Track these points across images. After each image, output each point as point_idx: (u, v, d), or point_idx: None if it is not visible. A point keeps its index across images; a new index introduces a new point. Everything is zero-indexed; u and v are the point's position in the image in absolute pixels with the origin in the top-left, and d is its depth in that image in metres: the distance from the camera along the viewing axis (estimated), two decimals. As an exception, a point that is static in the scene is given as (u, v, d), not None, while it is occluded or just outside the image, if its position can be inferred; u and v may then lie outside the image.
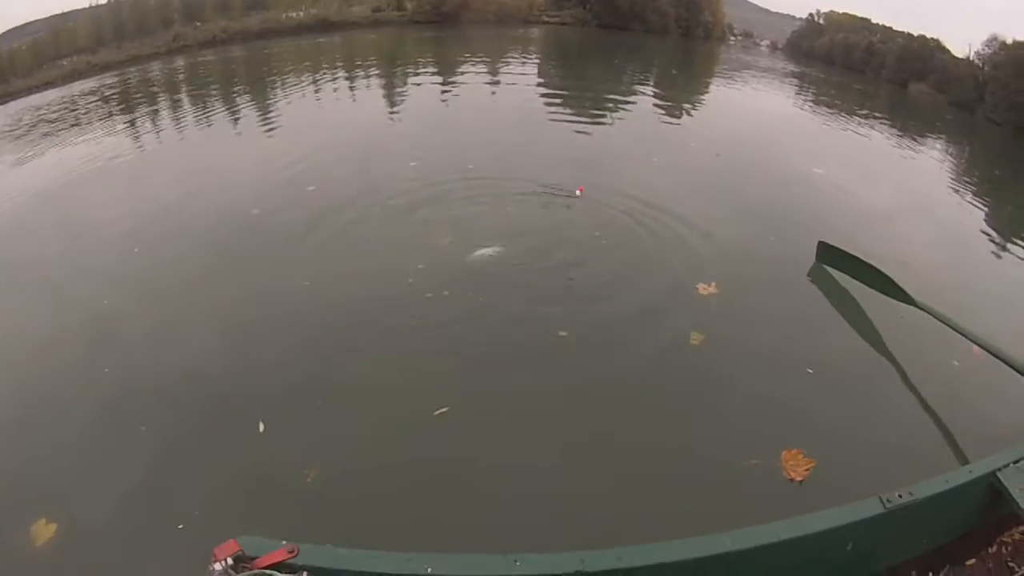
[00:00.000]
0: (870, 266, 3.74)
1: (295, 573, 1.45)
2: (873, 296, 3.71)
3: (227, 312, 3.50)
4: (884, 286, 3.67)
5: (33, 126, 9.31)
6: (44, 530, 2.33)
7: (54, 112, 10.17)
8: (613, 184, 5.15)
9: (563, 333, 3.26)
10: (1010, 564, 2.02)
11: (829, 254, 4.06)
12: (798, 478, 2.58)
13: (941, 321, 3.31)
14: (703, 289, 3.63)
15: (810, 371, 3.05)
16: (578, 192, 4.73)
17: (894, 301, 3.59)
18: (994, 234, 6.95)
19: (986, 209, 7.47)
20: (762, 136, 7.39)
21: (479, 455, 2.51)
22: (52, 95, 11.92)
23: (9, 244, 4.70)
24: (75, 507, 2.40)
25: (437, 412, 2.77)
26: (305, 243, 4.19)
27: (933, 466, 2.35)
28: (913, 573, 2.20)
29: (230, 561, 1.45)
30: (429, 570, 1.49)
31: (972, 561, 2.29)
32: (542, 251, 4.03)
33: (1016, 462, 2.15)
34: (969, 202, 7.39)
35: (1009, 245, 6.02)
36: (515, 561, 1.53)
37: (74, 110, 10.20)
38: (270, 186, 5.33)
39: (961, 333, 3.21)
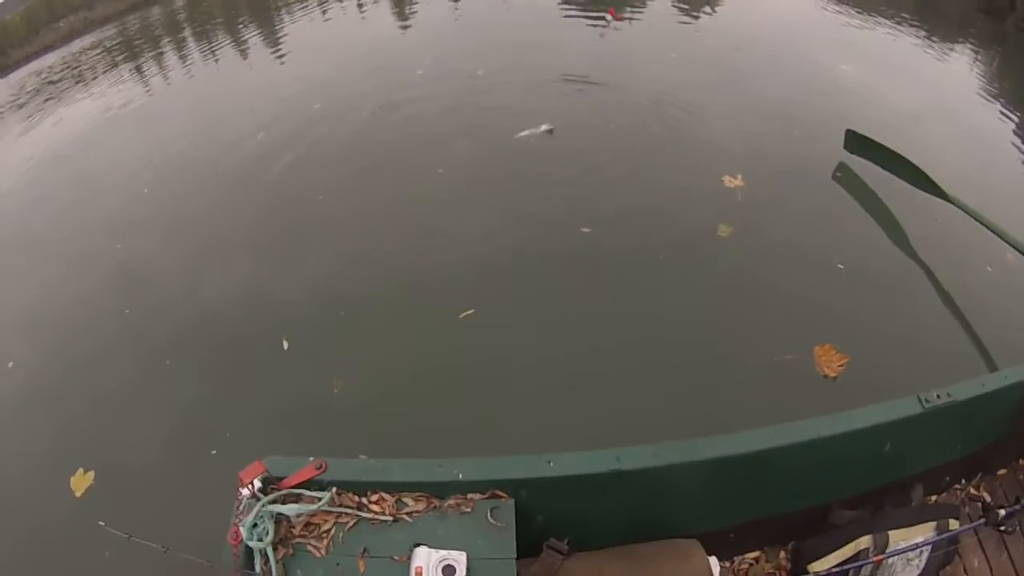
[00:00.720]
0: (899, 156, 3.51)
1: (324, 489, 1.42)
2: (902, 195, 3.52)
3: (239, 239, 3.46)
4: (915, 178, 3.43)
5: (37, 91, 8.79)
6: (83, 480, 2.39)
7: (57, 74, 9.57)
8: (632, 77, 4.86)
9: (586, 229, 3.10)
10: None
11: (857, 142, 3.83)
12: (832, 374, 2.49)
13: (974, 218, 3.13)
14: (729, 181, 3.46)
15: (840, 266, 2.90)
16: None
17: (923, 202, 3.39)
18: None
19: (1018, 117, 7.16)
20: (785, 32, 6.85)
21: (506, 356, 2.48)
22: (52, 58, 11.15)
23: (31, 212, 4.56)
24: (110, 450, 2.43)
25: (463, 315, 2.67)
26: (310, 159, 4.10)
27: (965, 369, 2.30)
28: (947, 478, 2.16)
29: (258, 485, 1.42)
30: (460, 475, 1.46)
31: (1003, 471, 2.30)
32: (562, 146, 3.90)
33: None
34: (1000, 110, 7.04)
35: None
36: (548, 462, 1.48)
37: (77, 67, 9.63)
38: (278, 110, 5.08)
39: (994, 232, 3.04)
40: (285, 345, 2.75)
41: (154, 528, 2.05)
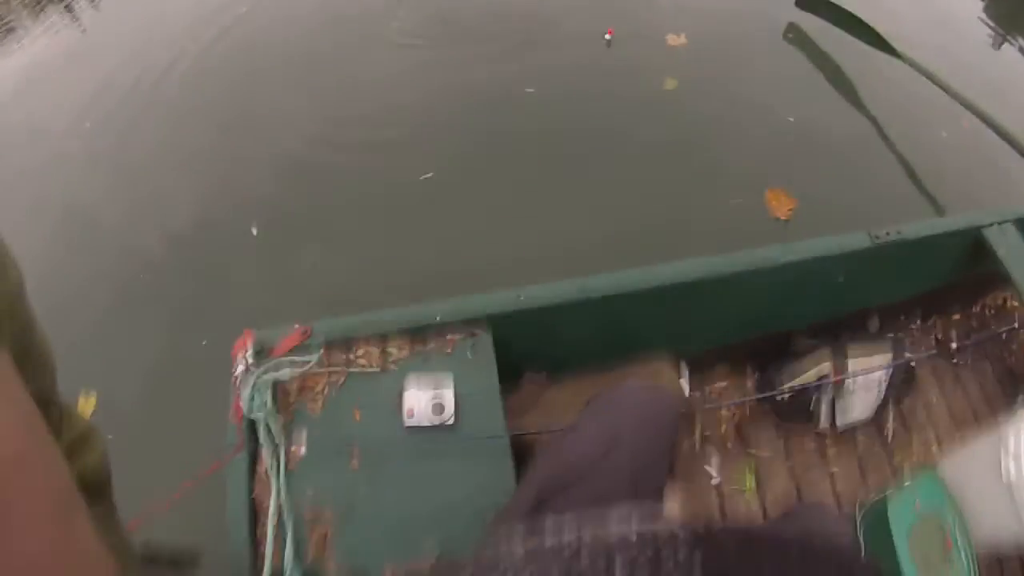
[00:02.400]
0: (851, 14, 3.52)
1: (316, 350, 1.48)
2: (855, 54, 3.57)
3: (191, 148, 3.38)
4: (868, 36, 3.46)
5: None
6: (87, 404, 2.40)
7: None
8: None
9: (530, 89, 3.11)
10: (993, 325, 2.15)
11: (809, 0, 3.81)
12: (783, 216, 2.58)
13: (928, 77, 3.18)
14: (672, 40, 3.42)
15: (791, 119, 2.95)
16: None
17: (877, 62, 3.43)
18: (993, 24, 6.64)
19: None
20: None
21: (469, 208, 2.51)
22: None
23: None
24: (105, 371, 2.43)
25: (422, 177, 2.72)
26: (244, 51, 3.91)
27: (916, 216, 2.36)
28: (902, 317, 2.31)
29: (251, 359, 1.46)
30: (438, 317, 1.53)
31: (957, 316, 2.44)
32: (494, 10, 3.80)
33: (1000, 223, 2.18)
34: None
35: (1009, 36, 5.66)
36: (519, 295, 1.57)
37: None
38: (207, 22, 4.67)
39: (948, 92, 3.11)
40: (254, 231, 2.77)
41: (162, 436, 2.14)
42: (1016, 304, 2.29)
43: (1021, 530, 1.72)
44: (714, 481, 1.84)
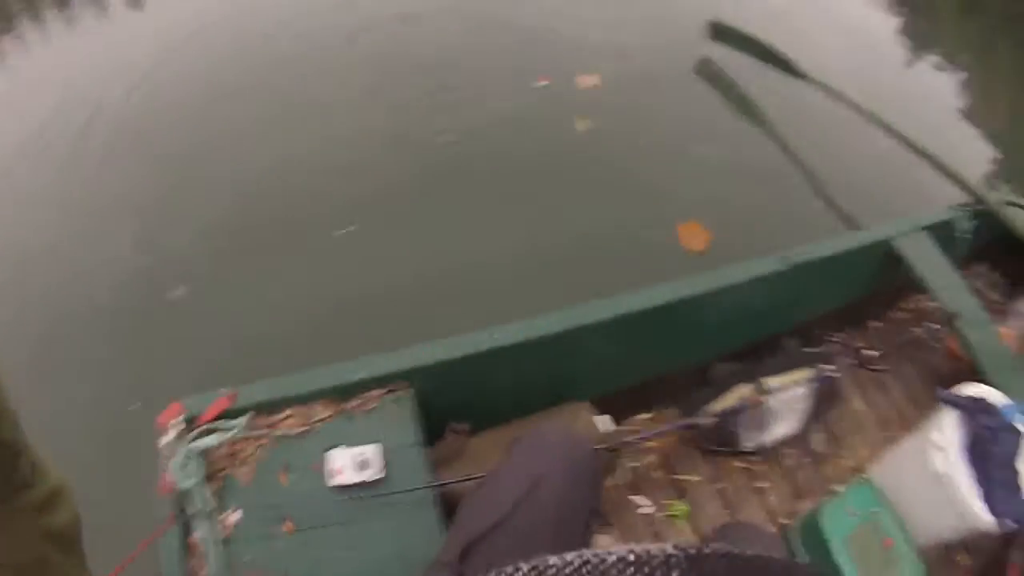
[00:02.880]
0: (762, 43, 3.68)
1: (242, 415, 1.49)
2: (766, 82, 3.71)
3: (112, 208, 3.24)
4: (779, 63, 3.62)
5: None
6: None
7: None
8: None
9: (447, 138, 3.15)
10: (911, 328, 2.15)
11: (720, 32, 3.92)
12: (698, 248, 2.66)
13: (840, 100, 3.31)
14: (584, 80, 3.49)
15: (702, 151, 3.06)
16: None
17: (788, 87, 3.59)
18: (907, 40, 6.95)
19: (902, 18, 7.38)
20: None
21: (386, 265, 2.49)
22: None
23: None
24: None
25: (343, 232, 2.71)
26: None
27: (834, 235, 2.45)
28: (822, 332, 2.42)
29: (177, 425, 1.47)
30: (360, 375, 1.56)
31: (878, 325, 2.58)
32: (401, 58, 3.82)
33: (911, 232, 2.29)
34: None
35: (923, 54, 6.29)
36: (437, 348, 1.62)
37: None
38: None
39: (860, 112, 3.24)
40: (178, 293, 2.74)
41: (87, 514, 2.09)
42: (932, 306, 2.38)
43: (958, 518, 1.79)
44: (645, 511, 1.88)
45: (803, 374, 1.96)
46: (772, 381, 1.94)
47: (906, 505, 1.88)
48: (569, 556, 0.28)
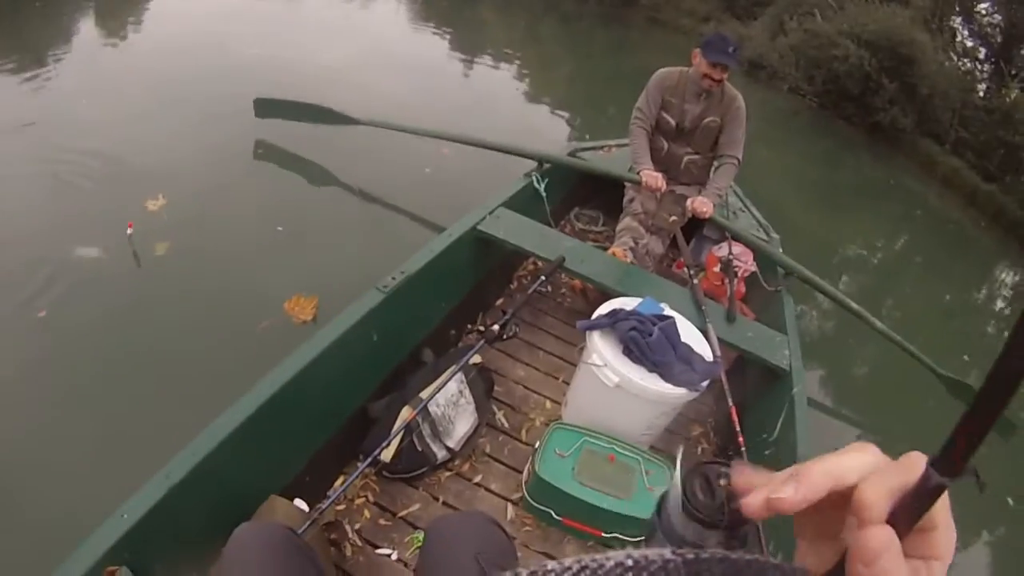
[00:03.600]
0: (308, 105, 3.89)
1: None
2: (322, 141, 4.06)
3: None
4: (329, 117, 3.86)
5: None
6: None
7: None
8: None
9: (41, 314, 2.65)
10: (540, 290, 2.40)
11: (266, 107, 4.05)
12: (308, 318, 2.71)
13: (391, 128, 3.65)
14: (152, 205, 3.30)
15: (280, 228, 3.16)
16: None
17: (354, 138, 3.98)
18: (460, 54, 8.00)
19: (448, 37, 8.28)
20: (212, 32, 6.44)
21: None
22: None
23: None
24: None
25: None
26: None
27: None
28: (452, 332, 2.54)
29: None
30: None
31: (500, 300, 2.88)
32: None
33: (491, 211, 2.55)
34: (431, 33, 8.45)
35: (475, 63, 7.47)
36: (122, 515, 1.29)
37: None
38: None
39: (417, 132, 3.59)
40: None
41: None
42: (542, 263, 2.65)
43: (656, 407, 1.96)
44: (394, 557, 1.80)
45: (448, 373, 2.03)
46: (424, 392, 2.00)
47: (609, 423, 2.06)
48: (567, 562, 0.28)
